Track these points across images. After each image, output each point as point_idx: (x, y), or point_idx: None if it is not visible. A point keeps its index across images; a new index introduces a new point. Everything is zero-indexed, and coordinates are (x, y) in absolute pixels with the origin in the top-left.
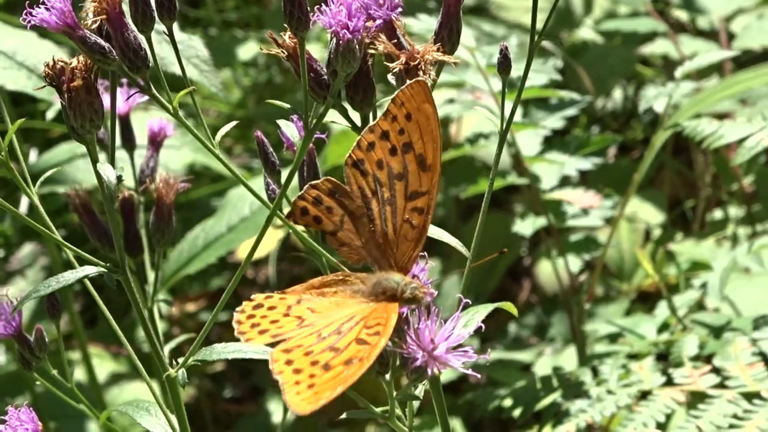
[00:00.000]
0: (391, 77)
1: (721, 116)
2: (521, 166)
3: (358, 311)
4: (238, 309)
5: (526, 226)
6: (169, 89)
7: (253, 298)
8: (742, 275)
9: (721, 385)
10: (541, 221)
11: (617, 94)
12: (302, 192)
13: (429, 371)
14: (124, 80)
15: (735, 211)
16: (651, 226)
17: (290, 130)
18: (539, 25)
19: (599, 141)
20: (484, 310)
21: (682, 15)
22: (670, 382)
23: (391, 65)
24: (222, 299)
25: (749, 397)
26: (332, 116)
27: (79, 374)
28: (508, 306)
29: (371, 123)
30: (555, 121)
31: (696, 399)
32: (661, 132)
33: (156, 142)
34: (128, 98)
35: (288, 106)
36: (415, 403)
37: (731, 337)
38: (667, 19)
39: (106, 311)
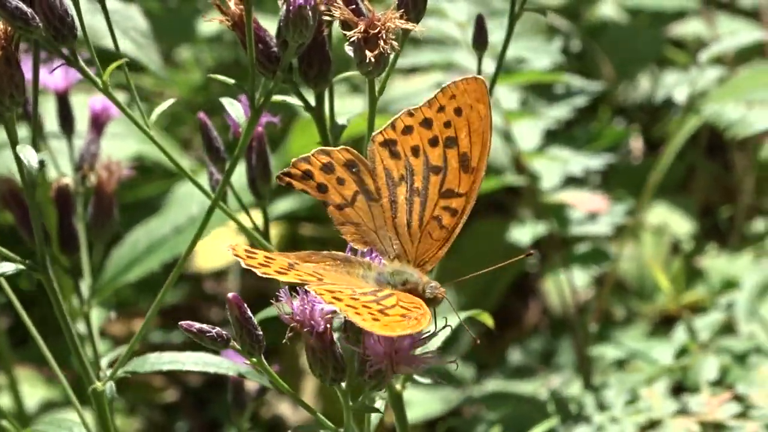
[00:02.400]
0: (348, 47)
1: None
2: (520, 163)
3: (385, 290)
4: (230, 244)
5: (524, 233)
6: (104, 64)
7: (238, 245)
8: None
9: (742, 415)
10: (541, 228)
11: (645, 81)
12: (308, 155)
13: (388, 375)
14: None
15: None
16: (680, 238)
17: (235, 110)
18: None
19: (611, 135)
20: (458, 319)
21: None
22: (684, 411)
23: (348, 33)
24: (152, 309)
25: None
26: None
27: (5, 401)
28: (484, 317)
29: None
30: (560, 111)
31: (713, 430)
32: (678, 122)
33: (98, 124)
34: (53, 70)
35: (232, 81)
36: (375, 420)
37: (757, 362)
38: None
39: (28, 323)
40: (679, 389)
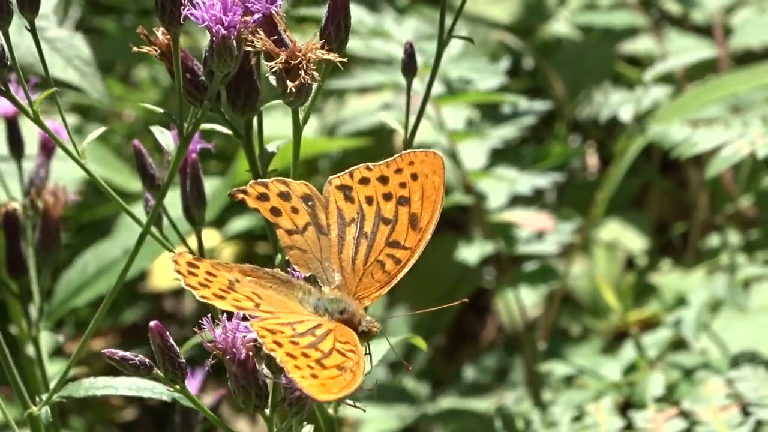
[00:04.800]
0: (272, 77)
1: None
2: (467, 183)
3: (322, 321)
4: (172, 257)
5: (472, 252)
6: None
7: (182, 254)
8: (737, 311)
9: (688, 431)
10: (489, 247)
11: (599, 99)
12: (268, 180)
13: (308, 402)
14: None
15: (734, 237)
16: (634, 254)
17: (165, 138)
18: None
19: (560, 153)
20: (388, 344)
21: (674, 8)
22: (630, 427)
23: (269, 64)
24: (88, 330)
25: None
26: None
27: None
28: (417, 341)
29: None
30: (507, 131)
31: None
32: (624, 141)
33: (47, 148)
34: None
35: (161, 110)
36: None
37: (705, 377)
38: (662, 13)
39: None
40: (627, 406)
